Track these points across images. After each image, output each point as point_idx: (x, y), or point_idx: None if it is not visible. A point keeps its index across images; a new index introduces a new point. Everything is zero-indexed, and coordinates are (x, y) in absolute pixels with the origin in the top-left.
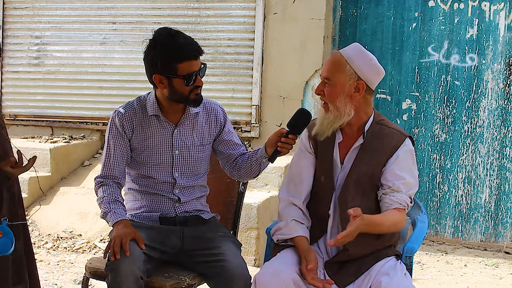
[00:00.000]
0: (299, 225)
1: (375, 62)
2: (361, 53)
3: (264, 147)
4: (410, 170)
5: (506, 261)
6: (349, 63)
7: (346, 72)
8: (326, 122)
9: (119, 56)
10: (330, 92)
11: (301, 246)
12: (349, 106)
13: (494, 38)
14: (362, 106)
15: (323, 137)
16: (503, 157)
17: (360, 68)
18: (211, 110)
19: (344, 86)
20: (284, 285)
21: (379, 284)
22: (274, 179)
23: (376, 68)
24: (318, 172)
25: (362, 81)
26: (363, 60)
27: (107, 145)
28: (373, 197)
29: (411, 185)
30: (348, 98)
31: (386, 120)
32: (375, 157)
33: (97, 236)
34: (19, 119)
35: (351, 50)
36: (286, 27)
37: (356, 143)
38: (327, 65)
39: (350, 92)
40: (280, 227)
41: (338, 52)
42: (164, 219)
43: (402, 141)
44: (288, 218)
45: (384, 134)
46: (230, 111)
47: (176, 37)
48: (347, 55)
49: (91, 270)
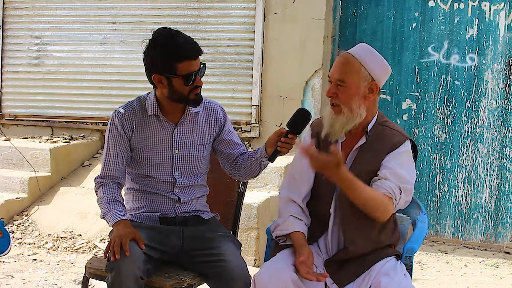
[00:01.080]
0: (297, 221)
1: (384, 61)
2: (373, 53)
3: (264, 147)
4: (403, 165)
5: (506, 261)
6: (363, 64)
7: (361, 74)
8: (338, 124)
9: (119, 56)
10: (344, 94)
11: (296, 241)
12: (362, 108)
13: (494, 38)
14: (370, 106)
15: (334, 139)
16: (503, 157)
17: (373, 68)
18: (211, 109)
19: (359, 88)
20: (284, 285)
21: (378, 284)
22: (274, 179)
23: (387, 67)
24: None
25: (375, 82)
26: (375, 61)
27: (107, 145)
28: None
29: (402, 177)
30: (362, 100)
31: (389, 122)
32: (375, 157)
33: (97, 236)
34: (19, 119)
35: (362, 50)
36: (286, 27)
37: (359, 143)
38: (339, 67)
39: (364, 93)
40: (279, 223)
41: (349, 53)
42: (164, 219)
43: (402, 142)
44: (286, 215)
45: (385, 134)
46: (230, 111)
47: (176, 37)
48: (359, 56)
49: (91, 270)
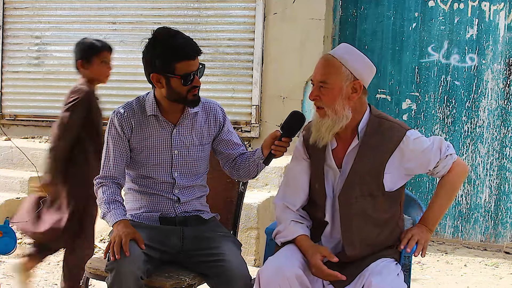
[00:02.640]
0: (299, 225)
1: (367, 59)
2: (353, 52)
3: (261, 149)
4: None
5: (506, 261)
6: (344, 64)
7: (342, 74)
8: (324, 127)
9: (119, 56)
10: (327, 96)
11: (304, 245)
12: (347, 108)
13: (494, 38)
14: (357, 107)
15: (322, 143)
16: (503, 157)
17: (355, 67)
18: (210, 110)
19: (342, 88)
20: (287, 280)
21: (370, 283)
22: (274, 179)
23: (370, 66)
24: (312, 179)
25: (358, 81)
26: (356, 59)
27: (106, 146)
28: (380, 196)
29: (436, 150)
30: (346, 100)
31: (384, 114)
32: (376, 155)
33: (97, 236)
34: (19, 119)
35: (342, 50)
36: (286, 27)
37: (352, 144)
38: (320, 69)
39: (347, 93)
40: (280, 230)
41: (329, 54)
42: (164, 219)
43: (402, 136)
44: (286, 221)
45: (384, 128)
46: (230, 111)
47: (175, 37)
48: (340, 56)
49: (91, 270)
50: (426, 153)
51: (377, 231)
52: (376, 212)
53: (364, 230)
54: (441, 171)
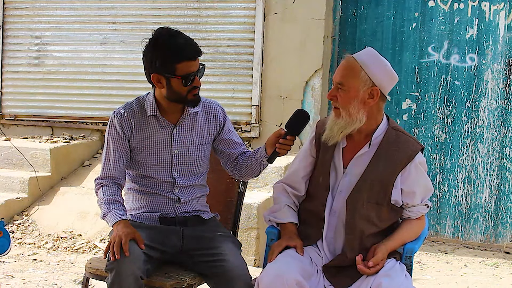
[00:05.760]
0: (291, 212)
1: (389, 68)
2: (376, 59)
3: (264, 147)
4: (420, 182)
5: (506, 261)
6: (364, 69)
7: (360, 78)
8: (336, 127)
9: (119, 56)
10: (343, 97)
11: (289, 230)
12: (361, 113)
13: (494, 38)
14: (374, 112)
15: (332, 142)
16: (503, 157)
17: (375, 74)
18: (210, 109)
19: (358, 92)
20: (287, 287)
21: (379, 285)
22: (274, 179)
23: (391, 74)
24: (317, 173)
25: (376, 87)
26: (378, 66)
27: (107, 146)
28: (385, 206)
29: (424, 194)
30: (362, 104)
31: (401, 128)
32: (390, 166)
33: (97, 236)
34: (19, 119)
35: (366, 55)
36: (286, 27)
37: (362, 150)
38: (340, 70)
39: (364, 98)
40: (274, 210)
41: (352, 56)
42: (164, 219)
43: (416, 152)
44: (281, 203)
45: (401, 141)
46: (230, 111)
47: (176, 37)
48: (362, 61)
49: (91, 270)
50: (419, 184)
51: (377, 239)
52: (379, 220)
53: (366, 236)
54: (412, 216)
